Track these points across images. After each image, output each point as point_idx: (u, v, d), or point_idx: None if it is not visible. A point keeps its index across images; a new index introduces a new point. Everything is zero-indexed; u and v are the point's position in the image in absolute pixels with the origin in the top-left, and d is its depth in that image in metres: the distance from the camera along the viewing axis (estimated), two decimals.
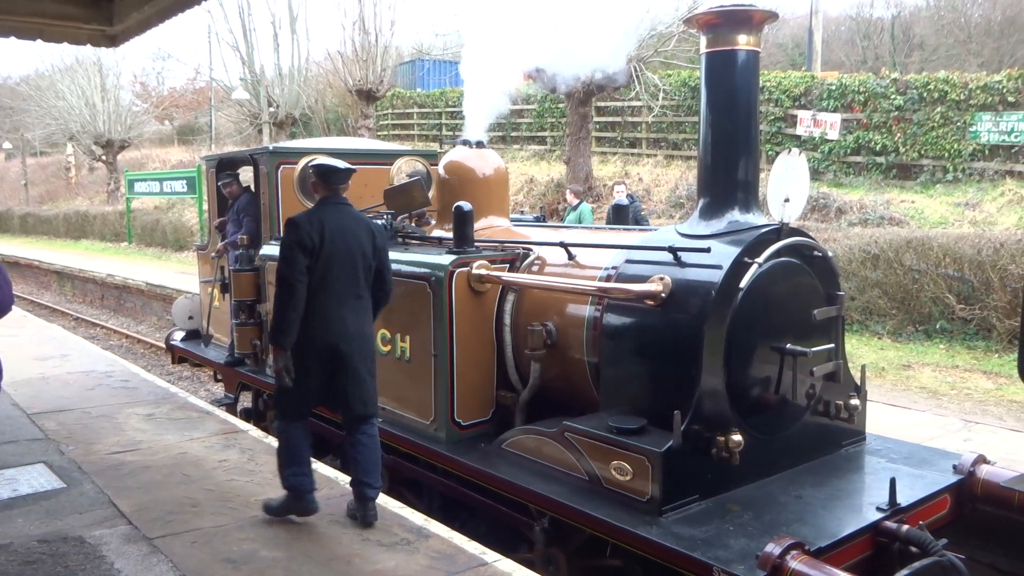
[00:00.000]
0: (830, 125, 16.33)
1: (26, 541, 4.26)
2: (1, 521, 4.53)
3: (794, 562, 3.12)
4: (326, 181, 4.45)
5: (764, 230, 4.08)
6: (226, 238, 7.50)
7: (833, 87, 16.43)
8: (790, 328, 4.12)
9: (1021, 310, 8.03)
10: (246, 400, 7.56)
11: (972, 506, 4.16)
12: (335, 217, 4.34)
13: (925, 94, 14.97)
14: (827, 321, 4.31)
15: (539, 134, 22.94)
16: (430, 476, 5.00)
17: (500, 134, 22.82)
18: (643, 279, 4.14)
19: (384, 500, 4.83)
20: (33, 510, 4.70)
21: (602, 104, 20.07)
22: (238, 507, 4.73)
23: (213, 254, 7.75)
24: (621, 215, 7.60)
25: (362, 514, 4.39)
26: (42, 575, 3.88)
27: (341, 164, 4.47)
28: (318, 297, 4.24)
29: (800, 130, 16.74)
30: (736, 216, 4.18)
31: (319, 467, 5.44)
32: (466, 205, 5.03)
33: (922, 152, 15.04)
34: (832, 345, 4.31)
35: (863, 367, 4.74)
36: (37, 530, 4.41)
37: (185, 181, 24.25)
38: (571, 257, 4.82)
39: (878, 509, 3.72)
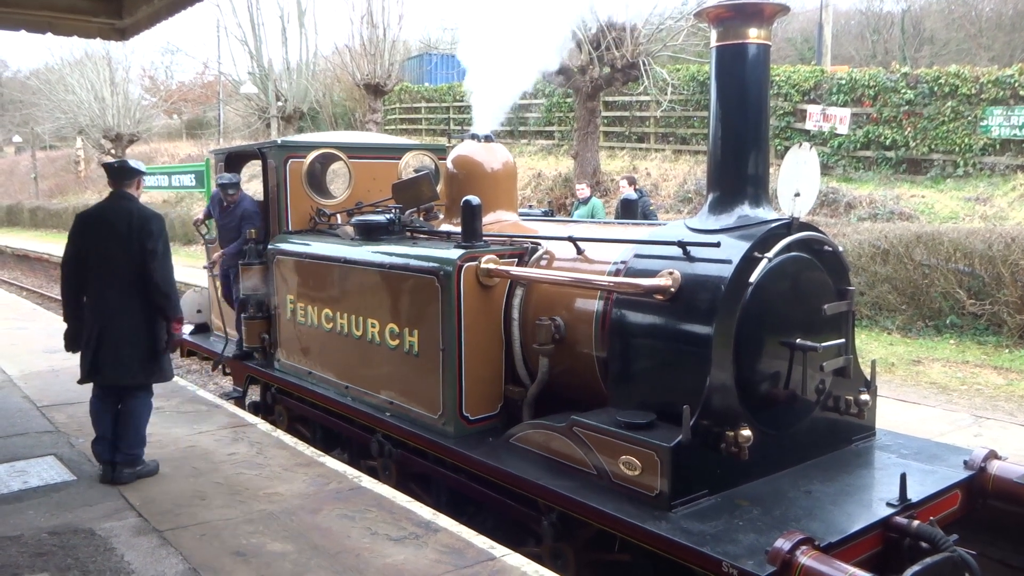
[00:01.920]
0: (840, 120, 16.25)
1: (36, 533, 4.29)
2: (12, 513, 4.56)
3: (804, 558, 3.10)
4: (110, 177, 5.16)
5: (774, 225, 4.05)
6: (214, 240, 7.35)
7: (843, 81, 16.34)
8: (800, 323, 4.10)
9: None
10: (254, 394, 7.58)
11: (983, 502, 4.13)
12: (104, 210, 5.09)
13: (936, 88, 14.87)
14: (837, 316, 4.29)
15: (547, 129, 22.91)
16: (438, 470, 5.00)
17: (508, 128, 22.79)
18: (652, 274, 4.12)
19: (392, 494, 4.85)
20: (43, 502, 4.73)
21: (610, 99, 20.02)
22: (247, 500, 4.74)
23: (207, 265, 7.51)
24: (629, 210, 7.59)
25: (115, 474, 5.03)
26: (52, 567, 3.90)
27: (115, 162, 5.24)
28: (89, 279, 5.01)
29: (809, 125, 16.67)
30: (746, 211, 4.16)
31: (327, 460, 5.46)
32: (475, 199, 5.01)
33: (932, 147, 14.96)
34: (842, 340, 4.28)
35: (873, 362, 4.71)
36: (47, 522, 4.43)
37: (193, 175, 24.25)
38: (580, 251, 4.80)
39: (888, 505, 3.70)
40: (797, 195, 4.07)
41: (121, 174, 5.16)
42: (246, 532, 4.30)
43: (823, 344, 4.05)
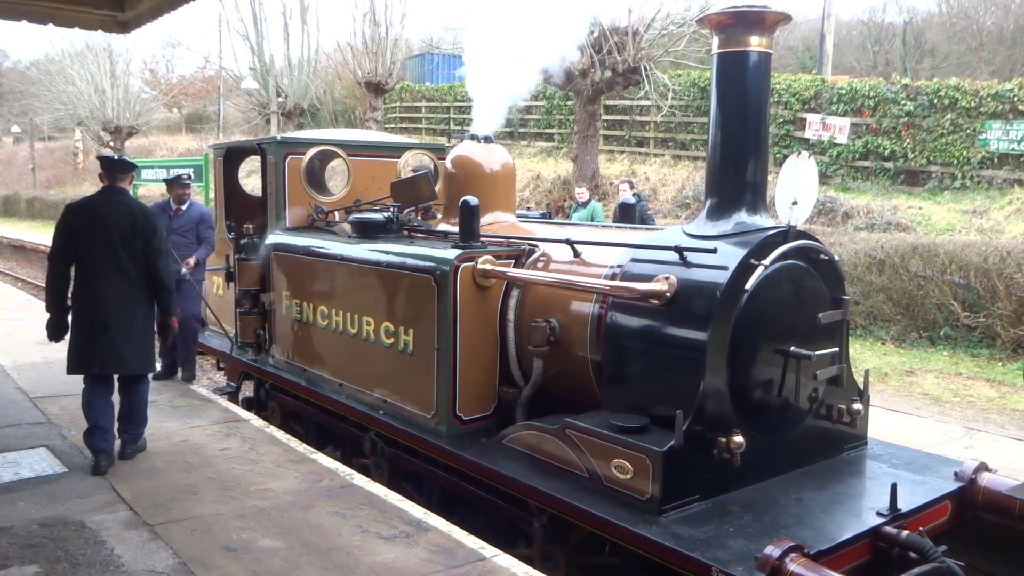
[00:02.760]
0: (839, 129, 16.30)
1: (27, 524, 4.28)
2: (2, 504, 4.55)
3: (793, 565, 3.11)
4: (105, 171, 5.20)
5: (771, 232, 4.07)
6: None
7: (843, 91, 16.39)
8: (794, 331, 4.11)
9: None
10: (248, 389, 7.57)
11: (973, 514, 4.15)
12: (101, 203, 5.11)
13: (935, 100, 14.92)
14: (832, 325, 4.29)
15: (547, 131, 22.93)
16: (430, 470, 5.00)
17: (508, 130, 22.81)
18: (648, 278, 4.13)
19: (384, 492, 4.85)
20: (35, 494, 4.72)
21: (611, 103, 20.04)
22: (238, 496, 4.74)
23: (183, 269, 7.01)
24: (627, 214, 7.60)
25: (121, 451, 5.27)
26: (42, 559, 3.90)
27: (116, 157, 5.32)
28: (83, 270, 5.05)
29: (809, 133, 16.71)
30: (743, 217, 4.17)
31: (319, 458, 5.46)
32: (473, 200, 5.02)
33: (931, 158, 15.01)
34: (836, 349, 4.29)
35: (866, 372, 4.73)
36: (38, 514, 4.43)
37: (192, 169, 24.25)
38: (576, 254, 4.81)
39: (878, 514, 3.71)
40: (794, 203, 4.08)
41: (119, 167, 5.23)
42: (237, 527, 4.29)
43: (817, 352, 4.06)
